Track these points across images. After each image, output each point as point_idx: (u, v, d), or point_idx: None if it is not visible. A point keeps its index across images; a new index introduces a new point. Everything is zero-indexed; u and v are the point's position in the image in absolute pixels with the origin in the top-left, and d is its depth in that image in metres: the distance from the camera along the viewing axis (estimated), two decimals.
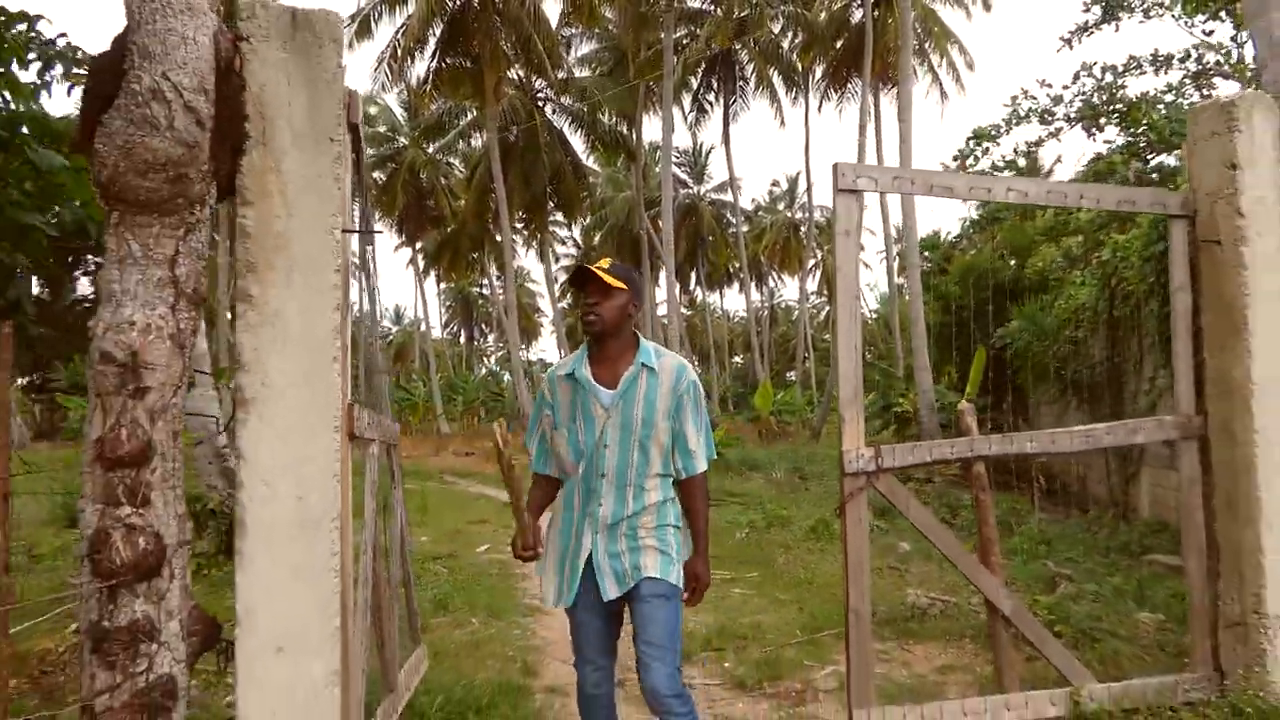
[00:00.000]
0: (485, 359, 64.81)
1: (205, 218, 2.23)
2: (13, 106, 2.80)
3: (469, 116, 30.00)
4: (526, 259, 54.67)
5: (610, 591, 2.57)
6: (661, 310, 39.64)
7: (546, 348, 78.29)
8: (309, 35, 2.37)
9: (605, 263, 2.64)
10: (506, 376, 48.32)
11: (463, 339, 64.08)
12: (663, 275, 38.83)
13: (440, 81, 24.28)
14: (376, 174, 32.81)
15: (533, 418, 2.83)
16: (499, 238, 36.05)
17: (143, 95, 2.03)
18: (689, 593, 2.66)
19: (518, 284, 36.82)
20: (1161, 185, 9.00)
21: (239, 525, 2.27)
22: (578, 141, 29.88)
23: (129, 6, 2.07)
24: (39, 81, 3.16)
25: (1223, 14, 14.69)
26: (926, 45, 28.15)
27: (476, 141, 30.94)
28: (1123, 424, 3.85)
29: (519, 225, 33.35)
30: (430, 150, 33.43)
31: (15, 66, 2.85)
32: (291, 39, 2.34)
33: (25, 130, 2.76)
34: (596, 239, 44.96)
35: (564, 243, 47.89)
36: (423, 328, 48.17)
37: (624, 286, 2.61)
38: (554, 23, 25.80)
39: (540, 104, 28.59)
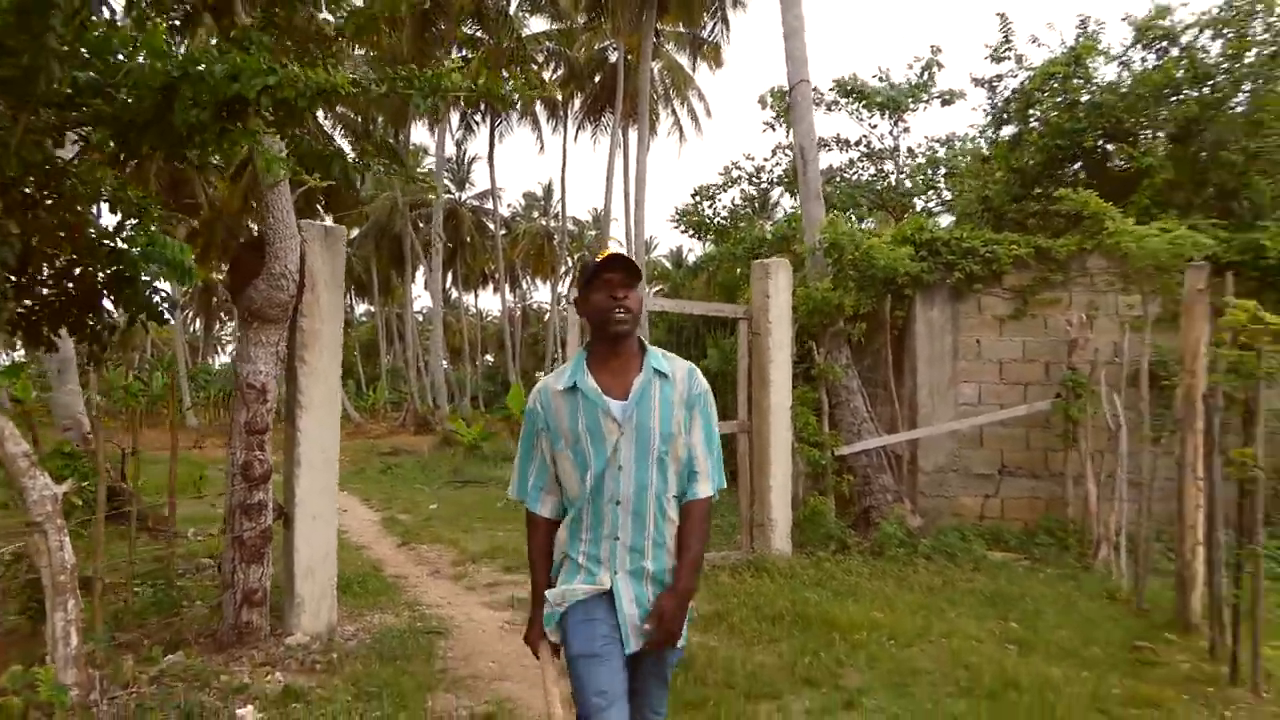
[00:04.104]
0: (223, 349, 62.47)
1: (285, 322, 4.93)
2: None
3: None
4: None
5: (633, 644, 2.24)
6: (417, 306, 41.61)
7: None
8: (333, 237, 5.12)
9: (617, 248, 2.47)
10: None
11: (198, 327, 61.47)
12: (420, 273, 41.08)
13: None
14: None
15: (524, 448, 2.41)
16: (255, 228, 36.44)
17: (275, 275, 4.72)
18: (650, 625, 2.23)
19: None
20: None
21: (296, 464, 4.96)
22: (346, 145, 31.43)
23: (266, 236, 4.74)
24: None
25: (885, 109, 19.73)
26: (671, 92, 32.54)
27: None
28: None
29: None
30: None
31: None
32: (325, 239, 5.09)
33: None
34: (354, 234, 45.97)
35: None
36: None
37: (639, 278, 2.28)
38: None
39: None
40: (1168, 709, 4.11)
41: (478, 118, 33.37)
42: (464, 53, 30.46)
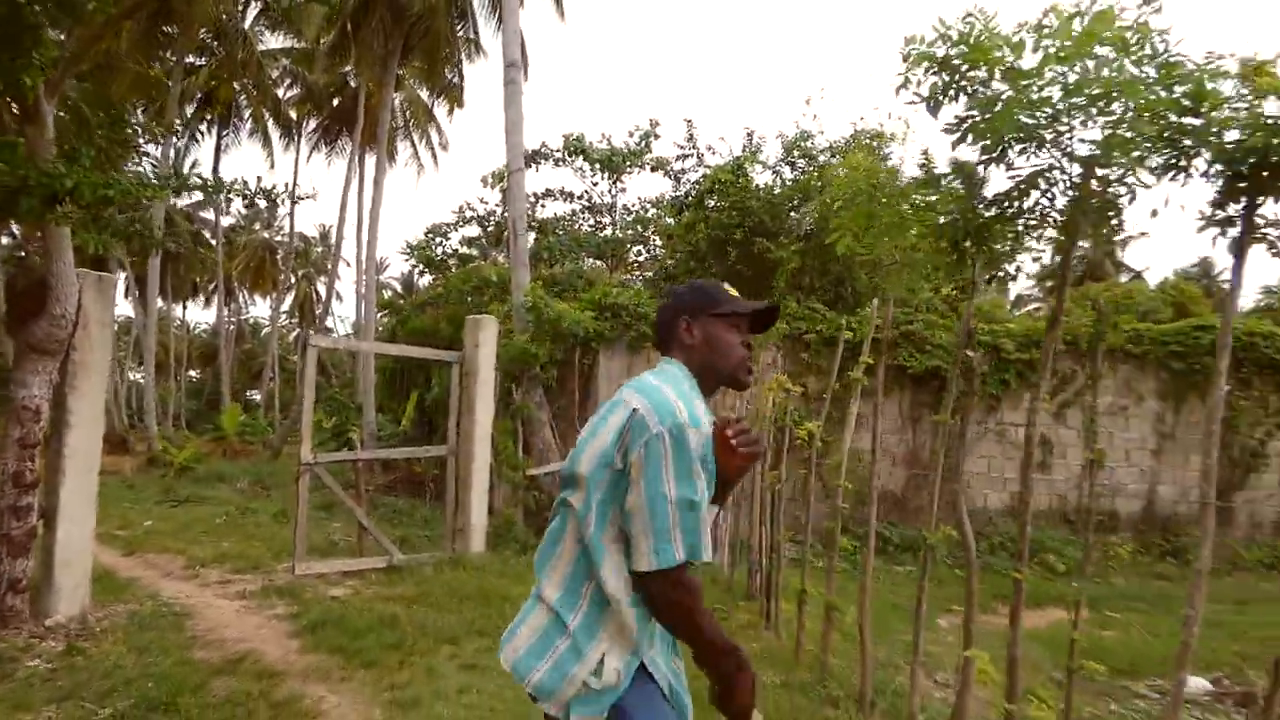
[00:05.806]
0: None
1: (61, 355, 5.87)
2: None
3: None
4: None
5: None
6: (119, 313, 38.52)
7: None
8: (104, 284, 6.13)
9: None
10: None
11: None
12: (122, 281, 38.31)
13: None
14: None
15: (701, 505, 1.80)
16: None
17: (56, 315, 5.69)
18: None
19: None
20: (550, 282, 14.81)
21: (62, 473, 5.88)
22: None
23: (49, 282, 5.70)
24: None
25: (604, 169, 22.07)
26: (411, 125, 33.44)
27: None
28: (424, 448, 8.91)
29: None
30: None
31: None
32: (98, 286, 6.08)
33: None
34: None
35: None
36: None
37: None
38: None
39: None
40: None
41: (203, 127, 32.33)
42: (198, 60, 29.69)
